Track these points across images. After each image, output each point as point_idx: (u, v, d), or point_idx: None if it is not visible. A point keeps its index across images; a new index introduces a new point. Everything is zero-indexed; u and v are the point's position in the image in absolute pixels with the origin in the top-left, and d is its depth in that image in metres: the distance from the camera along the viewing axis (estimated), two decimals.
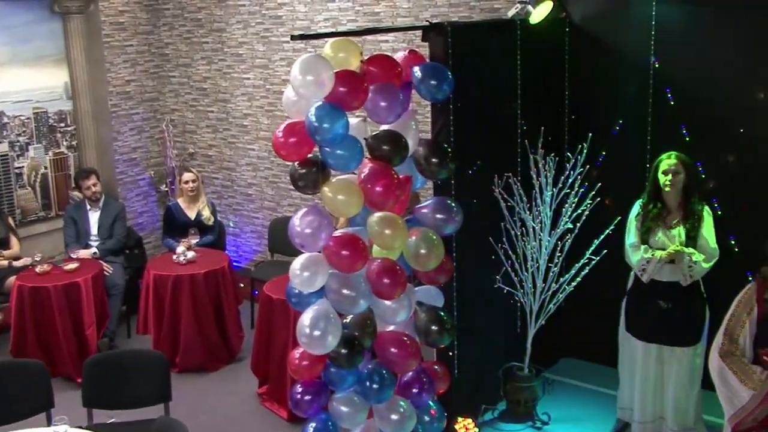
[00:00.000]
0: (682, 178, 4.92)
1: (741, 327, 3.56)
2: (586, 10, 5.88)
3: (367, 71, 4.28)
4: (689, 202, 4.96)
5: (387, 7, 7.03)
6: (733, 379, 3.53)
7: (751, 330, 3.53)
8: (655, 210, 4.99)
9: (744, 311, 3.57)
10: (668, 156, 4.96)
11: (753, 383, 3.46)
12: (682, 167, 4.92)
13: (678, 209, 4.98)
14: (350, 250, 4.23)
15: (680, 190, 4.94)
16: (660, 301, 4.99)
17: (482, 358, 5.62)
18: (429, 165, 4.50)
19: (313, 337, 4.24)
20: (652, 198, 5.02)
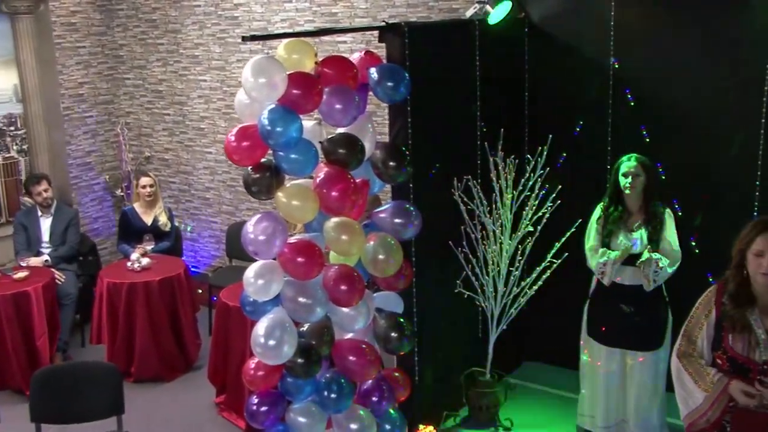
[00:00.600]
0: (642, 181, 4.87)
1: (699, 329, 3.52)
2: (545, 10, 5.83)
3: (322, 73, 4.18)
4: (650, 204, 4.91)
5: (345, 8, 6.93)
6: (689, 380, 3.49)
7: (708, 332, 3.49)
8: (616, 213, 4.94)
9: (702, 313, 3.53)
10: (628, 158, 4.91)
11: (706, 385, 3.42)
12: (642, 169, 4.87)
13: (639, 212, 4.93)
14: (306, 256, 4.13)
15: (641, 193, 4.89)
16: (622, 305, 4.94)
17: (443, 364, 5.54)
18: (387, 168, 4.40)
19: (268, 347, 4.13)
20: (613, 201, 4.97)
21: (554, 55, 5.83)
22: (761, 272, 3.30)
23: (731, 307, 3.39)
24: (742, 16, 5.11)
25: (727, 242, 4.69)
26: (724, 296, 3.44)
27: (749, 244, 3.34)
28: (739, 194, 5.25)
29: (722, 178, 5.33)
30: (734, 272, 3.43)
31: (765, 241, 3.30)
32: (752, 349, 3.35)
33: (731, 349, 3.38)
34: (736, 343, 3.38)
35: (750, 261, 3.34)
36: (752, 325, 3.36)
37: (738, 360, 3.37)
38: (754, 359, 3.35)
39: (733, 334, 3.38)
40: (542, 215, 5.28)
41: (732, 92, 5.20)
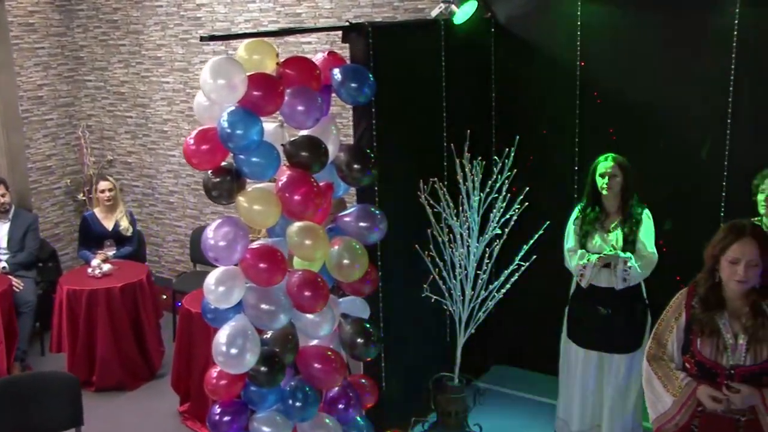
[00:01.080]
0: (619, 181, 4.81)
1: (669, 332, 3.48)
2: (511, 10, 5.77)
3: (284, 74, 4.09)
4: (627, 205, 4.85)
5: (309, 8, 6.84)
6: (658, 383, 3.45)
7: (678, 336, 3.45)
8: (593, 214, 4.89)
9: (673, 316, 3.49)
10: (605, 158, 4.86)
11: (674, 389, 3.38)
12: (619, 170, 4.81)
13: (616, 213, 4.88)
14: (268, 262, 4.04)
15: (618, 193, 4.83)
16: (599, 307, 4.89)
17: (411, 370, 5.46)
18: (351, 171, 4.33)
19: (230, 356, 4.03)
20: (591, 202, 4.92)
21: (521, 56, 5.78)
22: (735, 279, 3.26)
23: (701, 311, 3.35)
24: (707, 16, 5.08)
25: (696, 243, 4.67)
26: (694, 300, 3.39)
27: (724, 250, 3.29)
28: (706, 194, 5.24)
29: (690, 178, 5.31)
30: (705, 276, 3.38)
31: (741, 249, 3.24)
32: (720, 354, 3.31)
33: (699, 353, 3.34)
34: (704, 347, 3.33)
35: (724, 267, 3.29)
36: (721, 330, 3.32)
37: (705, 364, 3.33)
38: (721, 364, 3.31)
39: (702, 338, 3.34)
40: (510, 217, 5.20)
41: (698, 93, 5.18)
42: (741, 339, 3.30)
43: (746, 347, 3.28)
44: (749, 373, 3.29)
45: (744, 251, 3.24)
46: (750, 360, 3.28)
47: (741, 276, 3.23)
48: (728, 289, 3.33)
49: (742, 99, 5.03)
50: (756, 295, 3.31)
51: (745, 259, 3.23)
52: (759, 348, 3.28)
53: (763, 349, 3.28)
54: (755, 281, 3.28)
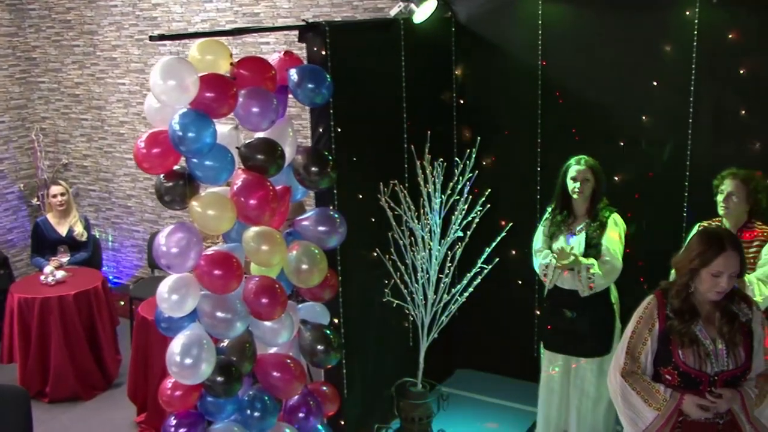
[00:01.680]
0: (591, 185, 4.73)
1: (643, 344, 3.39)
2: (472, 9, 5.70)
3: (238, 75, 3.97)
4: (595, 208, 4.77)
5: (267, 8, 6.72)
6: (637, 399, 3.35)
7: (652, 347, 3.37)
8: (561, 216, 4.81)
9: (645, 327, 3.39)
10: (577, 161, 4.76)
11: (657, 403, 3.30)
12: (591, 173, 4.72)
13: (584, 216, 4.80)
14: (223, 269, 3.91)
15: (588, 197, 4.75)
16: (565, 310, 4.82)
17: (373, 376, 5.37)
18: (309, 174, 4.25)
19: (184, 366, 3.91)
20: (560, 204, 4.84)
21: (482, 55, 5.71)
22: (717, 291, 3.22)
23: (678, 322, 3.29)
24: (668, 17, 5.04)
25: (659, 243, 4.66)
26: (667, 309, 3.32)
27: (706, 264, 3.22)
28: (669, 194, 5.20)
29: (652, 179, 5.28)
30: (680, 288, 3.32)
31: (725, 262, 3.20)
32: (703, 362, 3.27)
33: (683, 364, 3.28)
34: (687, 357, 3.28)
35: (704, 279, 3.24)
36: (699, 337, 3.28)
37: (690, 374, 3.28)
38: (705, 371, 3.27)
39: (683, 349, 3.28)
40: (472, 220, 5.14)
41: (660, 93, 5.14)
42: (719, 344, 3.27)
43: (726, 352, 3.26)
44: (731, 377, 3.27)
45: (728, 264, 3.21)
46: (732, 364, 3.27)
47: (724, 288, 3.21)
48: (702, 297, 3.30)
49: (703, 100, 5.01)
50: (725, 298, 3.29)
51: (728, 272, 3.21)
52: (737, 351, 3.27)
53: (740, 351, 3.28)
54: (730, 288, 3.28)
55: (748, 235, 4.33)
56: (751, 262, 4.28)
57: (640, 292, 5.03)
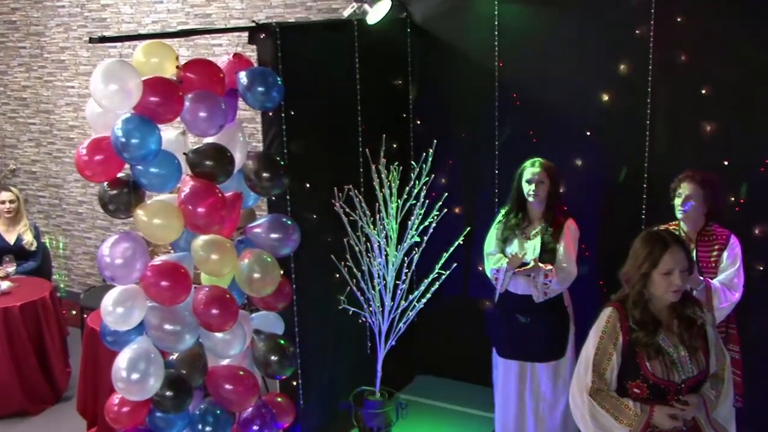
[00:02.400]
0: (546, 188, 4.66)
1: (608, 360, 3.30)
2: (427, 9, 5.61)
3: (185, 78, 3.85)
4: (552, 212, 4.70)
5: (219, 9, 6.58)
6: (607, 418, 3.26)
7: (617, 361, 3.28)
8: (515, 220, 4.73)
9: (610, 342, 3.30)
10: (532, 163, 4.69)
11: (628, 419, 3.21)
12: (546, 176, 4.65)
13: (539, 220, 4.72)
14: (171, 280, 3.80)
15: (543, 200, 4.68)
16: (518, 315, 4.74)
17: (330, 385, 5.27)
18: (260, 180, 4.16)
19: (131, 382, 3.78)
20: (515, 207, 4.75)
21: (438, 57, 5.63)
22: (672, 290, 3.16)
23: (644, 334, 3.21)
24: (625, 19, 4.99)
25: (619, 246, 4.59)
26: (629, 321, 3.25)
27: (655, 264, 3.16)
28: (628, 197, 5.15)
29: (611, 181, 5.22)
30: (637, 298, 3.24)
31: (673, 258, 3.14)
32: (670, 371, 3.20)
33: (653, 376, 3.20)
34: (655, 368, 3.20)
35: (657, 282, 3.18)
36: (663, 347, 3.21)
37: (660, 385, 3.20)
38: (674, 380, 3.20)
39: (651, 361, 3.21)
40: (429, 224, 5.06)
41: (617, 95, 5.09)
42: (681, 351, 3.22)
43: (689, 358, 3.21)
44: (695, 383, 3.23)
45: (676, 259, 3.15)
46: (695, 369, 3.22)
47: (678, 285, 3.15)
48: (657, 302, 3.23)
49: (659, 102, 4.96)
50: (680, 302, 3.24)
51: (678, 268, 3.14)
52: (698, 355, 3.23)
53: (700, 355, 3.23)
54: (686, 286, 3.24)
55: (707, 239, 4.30)
56: (712, 267, 4.26)
57: (600, 294, 5.09)
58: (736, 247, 4.28)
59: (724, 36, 4.73)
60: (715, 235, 4.31)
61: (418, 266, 5.18)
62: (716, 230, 4.32)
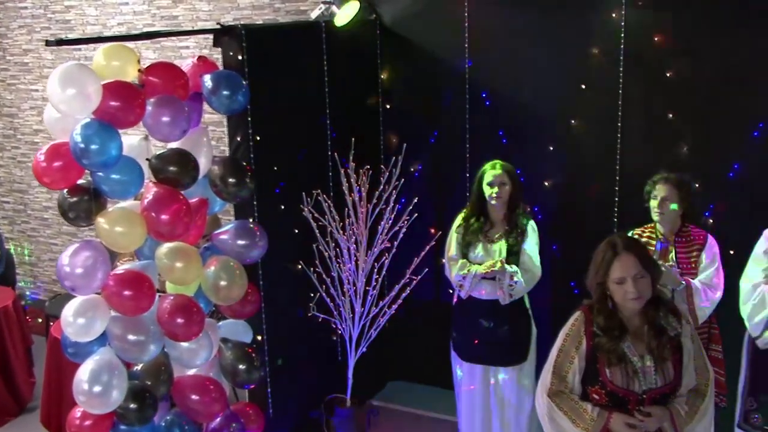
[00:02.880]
0: (508, 190, 4.60)
1: (570, 363, 3.25)
2: (396, 11, 5.52)
3: (147, 82, 3.76)
4: (513, 214, 4.66)
5: (186, 11, 6.47)
6: (564, 419, 3.22)
7: (579, 365, 3.23)
8: (477, 223, 4.66)
9: (572, 346, 3.25)
10: (492, 166, 4.63)
11: (584, 423, 3.17)
12: (507, 178, 4.60)
13: (501, 222, 4.67)
14: (133, 289, 3.70)
15: (505, 202, 4.62)
16: (482, 320, 4.68)
17: (301, 394, 5.19)
18: (226, 186, 4.09)
19: (93, 395, 3.69)
20: (476, 210, 4.68)
21: (408, 59, 5.55)
22: (629, 298, 3.07)
23: (606, 340, 3.14)
24: (595, 18, 4.95)
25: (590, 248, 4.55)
26: (594, 327, 3.19)
27: (607, 273, 3.11)
28: (599, 198, 5.11)
29: (582, 183, 5.18)
30: (600, 306, 3.18)
31: (621, 266, 3.07)
32: (631, 380, 3.12)
33: (610, 383, 3.13)
34: (614, 375, 3.13)
35: (614, 290, 3.11)
36: (626, 354, 3.13)
37: (618, 393, 3.13)
38: (634, 390, 3.12)
39: (611, 368, 3.14)
40: (399, 229, 4.99)
41: (588, 96, 5.04)
42: (648, 361, 3.13)
43: (654, 369, 3.12)
44: (660, 395, 3.14)
45: (625, 268, 3.07)
46: (660, 381, 3.13)
47: (633, 293, 3.06)
48: (625, 310, 3.15)
49: (631, 102, 4.93)
50: (651, 310, 3.15)
51: (630, 275, 3.07)
52: (665, 367, 3.14)
53: (668, 367, 3.14)
54: (649, 293, 3.11)
55: (685, 241, 4.27)
56: (692, 267, 4.23)
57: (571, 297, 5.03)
58: (714, 247, 4.26)
59: (696, 37, 4.71)
60: (692, 236, 4.28)
61: (389, 272, 5.12)
62: (693, 231, 4.30)
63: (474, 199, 4.70)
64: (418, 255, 5.02)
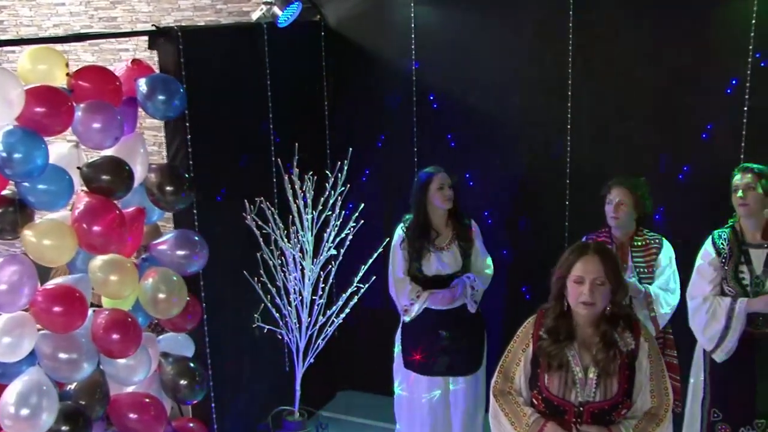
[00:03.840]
0: (452, 193, 4.50)
1: (516, 365, 3.16)
2: (341, 12, 5.40)
3: (76, 86, 3.59)
4: (458, 218, 4.55)
5: (125, 12, 6.29)
6: (505, 420, 3.16)
7: (525, 369, 3.13)
8: (423, 234, 4.51)
9: (520, 347, 3.17)
10: (436, 170, 4.51)
11: (521, 427, 3.08)
12: (450, 180, 4.50)
13: (446, 228, 4.56)
14: (64, 305, 3.51)
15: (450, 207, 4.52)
16: (441, 331, 4.57)
17: (247, 407, 5.04)
18: (164, 194, 3.93)
19: (20, 418, 3.46)
20: (421, 220, 4.54)
21: (354, 61, 5.43)
22: (581, 301, 2.95)
23: (549, 343, 3.04)
24: (543, 19, 4.89)
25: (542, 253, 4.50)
26: (542, 329, 3.09)
27: (569, 270, 3.01)
28: (551, 202, 5.05)
29: (533, 186, 5.11)
30: (554, 304, 3.08)
31: (584, 266, 2.97)
32: (568, 390, 3.01)
33: (546, 390, 3.03)
34: (551, 382, 3.02)
35: (570, 290, 3.00)
36: (570, 363, 3.01)
37: (553, 401, 3.02)
38: (569, 400, 3.01)
39: (549, 373, 3.03)
40: (345, 236, 4.88)
41: (538, 99, 4.98)
42: (591, 373, 3.01)
43: (596, 382, 3.00)
44: (599, 410, 3.01)
45: (587, 269, 2.97)
46: (600, 396, 3.01)
47: (587, 297, 2.95)
48: (577, 316, 3.04)
49: (581, 105, 4.86)
50: (606, 324, 3.03)
51: (589, 278, 2.96)
52: (609, 382, 3.01)
53: (613, 383, 3.01)
54: (603, 303, 3.00)
55: (641, 245, 4.21)
56: (650, 272, 4.17)
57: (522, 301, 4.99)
58: (669, 250, 4.21)
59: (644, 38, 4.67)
60: (647, 239, 4.22)
61: (336, 280, 4.99)
62: (648, 235, 4.25)
63: (417, 209, 4.55)
64: (366, 262, 4.91)
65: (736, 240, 4.00)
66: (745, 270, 3.95)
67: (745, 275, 3.96)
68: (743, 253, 3.97)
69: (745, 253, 3.97)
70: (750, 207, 3.94)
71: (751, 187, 3.94)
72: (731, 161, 4.48)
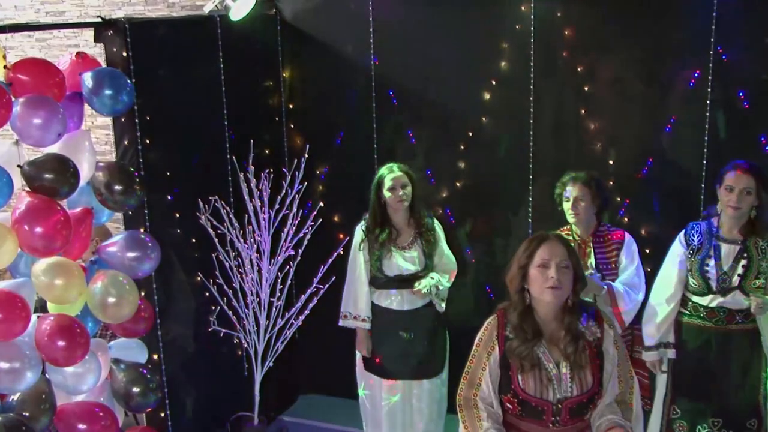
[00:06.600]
0: (410, 191, 4.39)
1: (482, 370, 3.05)
2: (298, 4, 5.26)
3: (15, 80, 3.42)
4: (419, 217, 4.45)
5: (73, 6, 6.12)
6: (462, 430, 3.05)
7: (493, 372, 3.01)
8: (384, 234, 4.41)
9: (485, 351, 3.05)
10: (389, 170, 4.40)
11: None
12: (407, 179, 4.39)
13: (408, 228, 4.45)
14: (4, 311, 3.34)
15: (408, 206, 4.41)
16: (401, 333, 4.46)
17: (204, 414, 4.90)
18: (112, 194, 3.79)
19: None
20: (378, 220, 4.43)
21: (311, 56, 5.30)
22: (548, 286, 2.87)
23: (518, 343, 2.94)
24: (504, 14, 4.80)
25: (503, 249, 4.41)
26: (507, 330, 2.98)
27: (531, 257, 2.92)
28: (513, 198, 4.98)
29: (495, 183, 5.03)
30: (516, 299, 2.98)
31: (549, 249, 2.90)
32: (545, 388, 2.91)
33: (522, 392, 2.92)
34: (527, 383, 2.92)
35: (534, 279, 2.91)
36: (541, 360, 2.92)
37: (531, 402, 2.92)
38: (548, 399, 2.91)
39: (523, 374, 2.93)
40: (304, 236, 4.76)
41: (500, 93, 4.89)
42: (564, 368, 2.93)
43: (570, 376, 2.93)
44: (577, 404, 2.94)
45: (552, 252, 2.91)
46: (576, 390, 2.93)
47: (554, 281, 2.87)
48: (541, 310, 2.96)
49: (543, 99, 4.79)
50: (569, 315, 2.96)
51: (555, 261, 2.89)
52: (583, 375, 2.94)
53: (586, 375, 2.95)
54: (569, 288, 2.93)
55: (603, 241, 4.16)
56: (612, 268, 4.12)
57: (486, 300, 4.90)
58: (632, 245, 4.16)
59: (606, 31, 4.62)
60: (609, 234, 4.16)
61: (294, 281, 4.86)
62: (610, 230, 4.19)
63: (375, 208, 4.45)
64: (326, 262, 4.79)
65: (709, 233, 3.95)
66: (711, 264, 3.90)
67: (710, 270, 3.90)
68: (713, 247, 3.92)
69: (715, 247, 3.92)
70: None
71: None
72: (695, 155, 4.46)
